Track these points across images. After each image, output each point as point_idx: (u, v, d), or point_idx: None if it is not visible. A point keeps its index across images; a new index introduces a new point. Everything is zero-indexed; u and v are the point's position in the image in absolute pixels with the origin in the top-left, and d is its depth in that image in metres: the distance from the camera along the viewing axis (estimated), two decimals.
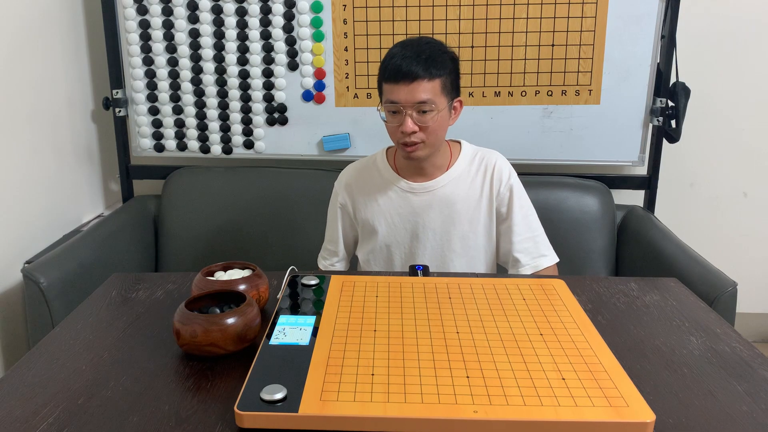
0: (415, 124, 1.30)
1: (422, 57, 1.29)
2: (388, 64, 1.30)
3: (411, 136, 1.31)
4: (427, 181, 1.43)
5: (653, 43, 1.87)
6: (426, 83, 1.29)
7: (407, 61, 1.28)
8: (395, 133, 1.34)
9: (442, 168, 1.44)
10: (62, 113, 1.93)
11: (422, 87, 1.28)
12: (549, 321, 0.97)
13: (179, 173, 2.05)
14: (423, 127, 1.31)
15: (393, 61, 1.30)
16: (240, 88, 2.00)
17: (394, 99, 1.30)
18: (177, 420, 0.77)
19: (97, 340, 0.97)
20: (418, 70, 1.28)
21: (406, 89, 1.28)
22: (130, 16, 1.96)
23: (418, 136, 1.32)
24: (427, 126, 1.31)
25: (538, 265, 1.43)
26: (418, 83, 1.28)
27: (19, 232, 1.71)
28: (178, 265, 1.99)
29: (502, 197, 1.44)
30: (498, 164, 1.45)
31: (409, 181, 1.44)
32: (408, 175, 1.45)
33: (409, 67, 1.27)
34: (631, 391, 0.78)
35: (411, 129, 1.30)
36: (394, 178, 1.46)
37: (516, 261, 1.44)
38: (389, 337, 0.91)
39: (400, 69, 1.28)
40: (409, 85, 1.28)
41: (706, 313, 1.08)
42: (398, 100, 1.30)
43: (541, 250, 1.44)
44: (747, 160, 2.15)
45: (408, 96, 1.28)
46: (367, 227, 1.49)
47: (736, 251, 2.21)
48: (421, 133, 1.32)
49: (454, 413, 0.73)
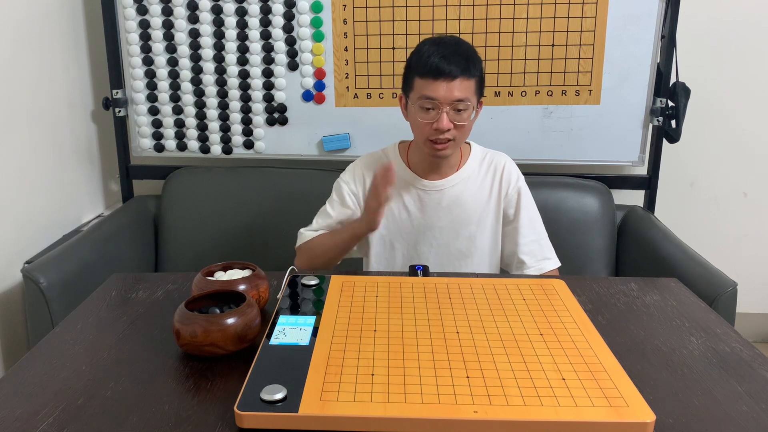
0: (451, 122, 1.30)
1: (462, 56, 1.29)
2: (427, 60, 1.29)
3: (445, 134, 1.31)
4: (440, 179, 1.44)
5: (653, 43, 1.87)
6: (465, 82, 1.29)
7: (448, 59, 1.28)
8: (426, 129, 1.33)
9: (454, 167, 1.45)
10: (62, 113, 1.93)
11: (461, 85, 1.29)
12: (549, 321, 0.97)
13: (179, 173, 2.05)
14: (457, 126, 1.32)
15: (432, 58, 1.28)
16: (240, 88, 2.00)
17: (431, 95, 1.29)
18: (177, 420, 0.77)
19: (97, 340, 0.97)
20: (459, 68, 1.28)
21: (445, 86, 1.28)
22: (130, 16, 1.96)
23: (451, 134, 1.32)
24: (463, 125, 1.32)
25: (542, 268, 1.44)
26: (459, 81, 1.28)
27: (19, 232, 1.71)
28: (178, 265, 1.99)
29: (510, 199, 1.45)
30: (507, 166, 1.46)
31: (422, 179, 1.44)
32: (421, 172, 1.45)
33: (450, 65, 1.27)
34: (631, 391, 0.78)
35: (447, 126, 1.30)
36: (408, 174, 1.46)
37: (521, 263, 1.44)
38: (389, 337, 0.91)
39: (441, 66, 1.27)
40: (450, 83, 1.28)
41: (706, 313, 1.09)
42: (436, 97, 1.29)
43: (545, 253, 1.45)
44: (747, 160, 2.15)
45: (447, 93, 1.28)
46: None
47: (736, 251, 2.21)
48: (454, 131, 1.32)
49: (454, 413, 0.73)
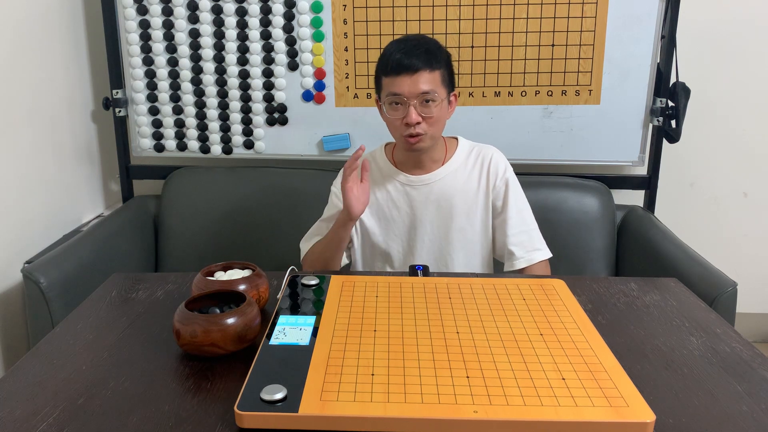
0: (419, 115, 1.32)
1: (422, 50, 1.32)
2: (389, 58, 1.32)
3: (415, 128, 1.33)
4: (425, 174, 1.45)
5: (653, 43, 1.87)
6: (428, 74, 1.31)
7: (408, 54, 1.31)
8: (398, 126, 1.35)
9: (439, 162, 1.46)
10: (62, 113, 1.93)
11: (425, 78, 1.31)
12: (549, 321, 0.97)
13: (179, 173, 2.05)
14: (427, 118, 1.33)
15: (393, 55, 1.32)
16: (240, 88, 2.00)
17: (397, 91, 1.32)
18: (177, 420, 0.77)
19: (97, 340, 0.97)
20: (420, 61, 1.31)
21: (409, 81, 1.31)
22: (130, 16, 1.96)
23: (422, 127, 1.34)
24: (432, 116, 1.33)
25: (532, 259, 1.44)
26: (421, 74, 1.31)
27: (19, 232, 1.71)
28: (178, 265, 1.99)
29: (498, 190, 1.46)
30: (494, 158, 1.47)
31: (408, 175, 1.46)
32: (406, 169, 1.47)
33: (410, 59, 1.30)
34: (631, 391, 0.78)
35: (416, 119, 1.32)
36: (393, 172, 1.47)
37: (511, 254, 1.45)
38: (389, 337, 0.91)
39: (402, 61, 1.30)
40: (412, 77, 1.30)
41: (706, 313, 1.08)
42: (401, 92, 1.31)
43: (535, 244, 1.46)
44: (747, 160, 2.14)
45: (411, 87, 1.31)
46: (365, 222, 1.49)
47: (736, 251, 2.21)
48: (424, 124, 1.33)
49: (454, 413, 0.73)
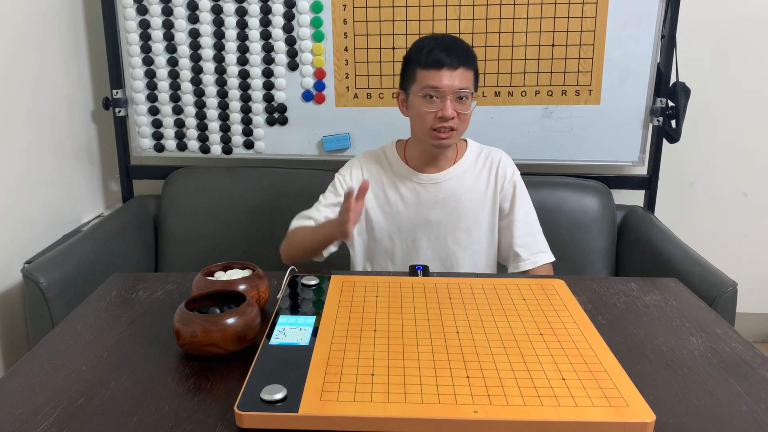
0: (454, 111, 1.33)
1: (461, 48, 1.34)
2: (429, 53, 1.33)
3: (448, 122, 1.34)
4: (436, 172, 1.46)
5: (653, 43, 1.87)
6: (466, 72, 1.34)
7: (449, 50, 1.32)
8: (429, 119, 1.35)
9: (450, 161, 1.47)
10: (62, 113, 1.93)
11: (463, 75, 1.33)
12: (549, 321, 0.97)
13: (179, 173, 2.05)
14: (460, 115, 1.35)
15: (435, 50, 1.33)
16: (240, 88, 2.00)
17: (436, 84, 1.32)
18: (177, 420, 0.77)
19: (97, 340, 0.97)
20: (460, 59, 1.33)
21: (449, 75, 1.32)
22: (130, 16, 1.96)
23: (454, 123, 1.35)
24: (466, 113, 1.35)
25: (536, 261, 1.45)
26: (461, 71, 1.33)
27: (19, 232, 1.71)
28: (178, 265, 1.99)
29: (505, 193, 1.47)
30: (503, 161, 1.49)
31: (418, 173, 1.47)
32: (417, 167, 1.47)
33: (451, 56, 1.32)
34: (631, 391, 0.78)
35: (452, 114, 1.33)
36: (405, 169, 1.48)
37: (516, 256, 1.46)
38: (389, 337, 0.91)
39: (443, 58, 1.32)
40: (453, 72, 1.32)
41: (706, 313, 1.08)
42: (441, 86, 1.32)
43: (540, 246, 1.47)
44: (747, 160, 2.14)
45: (450, 82, 1.32)
46: (372, 217, 1.49)
47: (736, 251, 2.20)
48: (456, 120, 1.35)
49: (454, 413, 0.73)
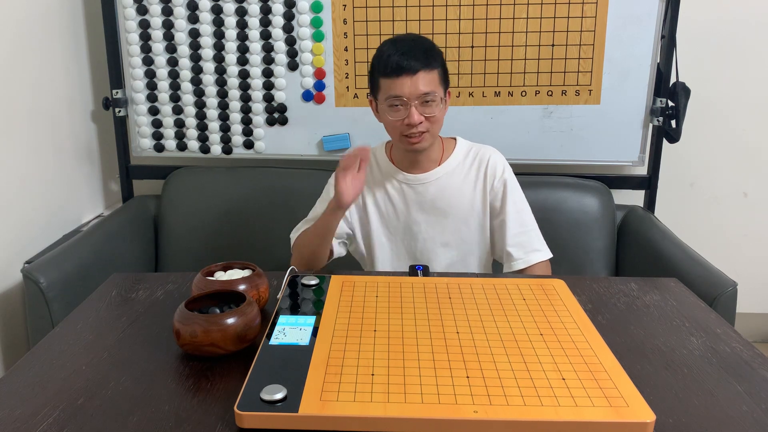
0: (421, 116, 1.32)
1: (419, 50, 1.32)
2: (387, 60, 1.31)
3: (417, 127, 1.33)
4: (422, 173, 1.45)
5: (653, 43, 1.87)
6: (427, 75, 1.32)
7: (406, 55, 1.30)
8: (398, 126, 1.35)
9: (436, 162, 1.46)
10: (62, 113, 1.93)
11: (425, 78, 1.31)
12: (549, 321, 0.97)
13: (179, 173, 2.05)
14: (428, 118, 1.33)
15: (391, 57, 1.31)
16: (240, 88, 2.00)
17: (397, 93, 1.31)
18: (177, 420, 0.77)
19: (97, 340, 0.97)
20: (419, 62, 1.30)
21: (409, 82, 1.30)
22: (130, 16, 1.96)
23: (424, 126, 1.34)
24: (433, 115, 1.34)
25: (530, 260, 1.42)
26: (421, 75, 1.31)
27: (19, 232, 1.70)
28: (178, 265, 1.99)
29: (495, 191, 1.45)
30: (492, 159, 1.47)
31: (405, 174, 1.46)
32: (404, 168, 1.47)
33: (409, 60, 1.30)
34: (631, 391, 0.78)
35: (418, 120, 1.32)
36: (392, 170, 1.47)
37: (509, 255, 1.44)
38: (389, 337, 0.91)
39: (402, 63, 1.30)
40: (412, 78, 1.30)
41: (706, 313, 1.08)
42: (402, 94, 1.31)
43: (534, 245, 1.44)
44: (747, 160, 2.14)
45: (412, 89, 1.31)
46: (362, 218, 1.49)
47: (736, 251, 2.20)
48: (426, 123, 1.34)
49: (454, 413, 0.73)
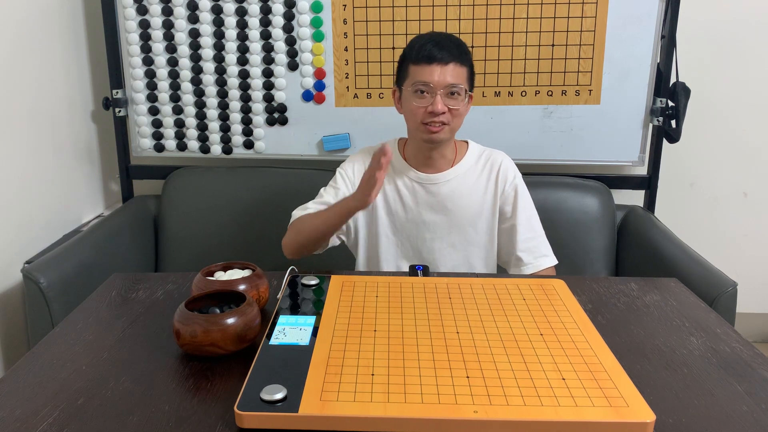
0: (445, 106, 1.33)
1: (453, 44, 1.35)
2: (421, 48, 1.33)
3: (439, 117, 1.34)
4: (435, 173, 1.45)
5: (653, 43, 1.87)
6: (458, 68, 1.34)
7: (440, 45, 1.33)
8: (419, 114, 1.35)
9: (449, 162, 1.46)
10: (62, 113, 1.93)
11: (454, 71, 1.33)
12: (549, 321, 0.97)
13: (179, 173, 2.05)
14: (451, 110, 1.34)
15: (425, 46, 1.33)
16: (240, 88, 2.00)
17: (426, 80, 1.33)
18: (177, 420, 0.77)
19: (97, 340, 0.97)
20: (452, 54, 1.33)
21: (439, 70, 1.32)
22: (130, 16, 1.96)
23: (446, 117, 1.35)
24: (457, 108, 1.35)
25: (539, 265, 1.44)
26: (451, 66, 1.33)
27: (19, 232, 1.71)
28: (178, 265, 1.99)
29: (506, 196, 1.46)
30: (504, 164, 1.48)
31: (418, 172, 1.46)
32: (416, 166, 1.47)
33: (442, 51, 1.32)
34: (631, 391, 0.78)
35: (442, 109, 1.33)
36: (404, 167, 1.47)
37: (519, 260, 1.45)
38: (389, 337, 0.91)
39: (434, 52, 1.32)
40: (443, 67, 1.32)
41: (706, 313, 1.09)
42: (430, 81, 1.32)
43: (542, 250, 1.46)
44: (747, 160, 2.14)
45: (440, 78, 1.32)
46: (369, 214, 1.49)
47: (736, 251, 2.20)
48: (448, 115, 1.35)
49: (454, 413, 0.73)
